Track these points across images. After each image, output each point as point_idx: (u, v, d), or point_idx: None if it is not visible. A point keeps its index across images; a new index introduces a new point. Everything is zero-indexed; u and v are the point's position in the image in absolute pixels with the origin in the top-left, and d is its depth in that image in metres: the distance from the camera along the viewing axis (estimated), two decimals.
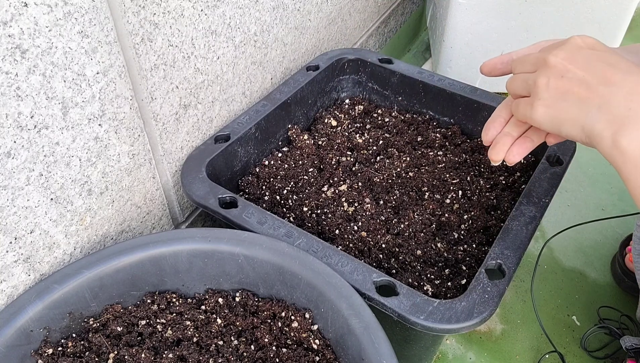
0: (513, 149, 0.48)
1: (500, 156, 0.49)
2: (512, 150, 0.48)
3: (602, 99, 0.39)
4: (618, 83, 0.39)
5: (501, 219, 0.63)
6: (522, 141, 0.48)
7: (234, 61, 0.66)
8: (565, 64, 0.41)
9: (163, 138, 0.59)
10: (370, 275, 0.49)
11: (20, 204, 0.45)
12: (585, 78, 0.40)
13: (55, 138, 0.46)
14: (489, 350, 0.74)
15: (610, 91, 0.39)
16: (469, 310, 0.46)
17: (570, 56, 0.42)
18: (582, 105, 0.40)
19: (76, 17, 0.44)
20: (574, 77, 0.40)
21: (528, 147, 0.48)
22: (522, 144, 0.48)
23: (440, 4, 1.08)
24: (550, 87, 0.41)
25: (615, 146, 0.37)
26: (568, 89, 0.40)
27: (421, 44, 1.36)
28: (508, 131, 0.49)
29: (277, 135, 0.73)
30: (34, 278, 0.49)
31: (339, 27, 0.92)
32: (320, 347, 0.49)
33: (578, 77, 0.40)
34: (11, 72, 0.40)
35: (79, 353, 0.49)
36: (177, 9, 0.54)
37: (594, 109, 0.39)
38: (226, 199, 0.57)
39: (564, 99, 0.41)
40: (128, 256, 0.51)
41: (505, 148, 0.48)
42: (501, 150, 0.49)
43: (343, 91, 0.83)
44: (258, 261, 0.51)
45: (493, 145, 0.49)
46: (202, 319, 0.52)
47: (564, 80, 0.41)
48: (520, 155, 0.48)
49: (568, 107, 0.40)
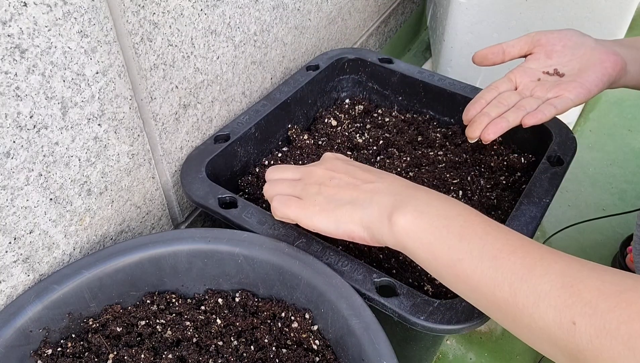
0: (489, 128, 0.52)
1: (477, 133, 0.53)
2: (487, 128, 0.52)
3: (369, 194, 0.44)
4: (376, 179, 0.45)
5: (502, 220, 0.63)
6: (497, 120, 0.52)
7: (234, 61, 0.66)
8: (330, 173, 0.47)
9: (163, 138, 0.59)
10: (370, 275, 0.49)
11: (20, 204, 0.45)
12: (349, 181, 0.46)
13: (55, 138, 0.46)
14: (489, 350, 0.74)
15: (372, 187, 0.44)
16: (469, 310, 0.46)
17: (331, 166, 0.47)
18: (354, 203, 0.44)
19: (75, 16, 0.43)
20: (340, 181, 0.46)
21: (503, 127, 0.52)
22: (497, 123, 0.52)
23: (441, 4, 1.08)
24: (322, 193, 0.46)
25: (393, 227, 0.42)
26: (337, 192, 0.45)
27: (421, 44, 1.36)
28: (487, 111, 0.54)
29: (277, 135, 0.73)
30: (33, 278, 0.49)
31: (339, 27, 0.92)
32: (320, 348, 0.49)
33: (343, 181, 0.46)
34: (10, 72, 0.40)
35: (79, 353, 0.49)
36: (176, 8, 0.54)
37: (365, 204, 0.44)
38: (226, 200, 0.57)
39: (337, 202, 0.45)
40: (127, 256, 0.50)
41: (482, 126, 0.53)
42: (477, 128, 0.53)
43: (343, 90, 0.83)
44: (258, 261, 0.51)
45: (470, 123, 0.54)
46: (202, 319, 0.51)
47: (331, 185, 0.46)
48: (495, 133, 0.52)
49: (342, 208, 0.44)
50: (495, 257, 0.38)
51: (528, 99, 0.55)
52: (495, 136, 0.52)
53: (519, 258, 0.38)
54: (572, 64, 0.56)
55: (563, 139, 0.65)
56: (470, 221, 0.41)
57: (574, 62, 0.56)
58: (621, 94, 1.21)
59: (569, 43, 0.57)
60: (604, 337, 0.32)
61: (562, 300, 0.34)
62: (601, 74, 0.54)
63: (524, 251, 0.38)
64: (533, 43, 0.58)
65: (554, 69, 0.56)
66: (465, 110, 0.56)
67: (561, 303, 0.34)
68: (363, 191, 0.44)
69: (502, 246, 0.39)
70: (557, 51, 0.57)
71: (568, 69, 0.56)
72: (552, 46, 0.57)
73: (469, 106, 0.56)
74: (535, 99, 0.55)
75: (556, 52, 0.57)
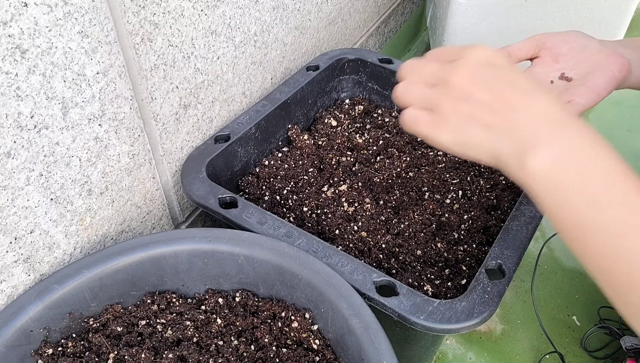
0: None
1: None
2: None
3: (507, 124, 0.39)
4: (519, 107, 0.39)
5: (501, 220, 0.63)
6: None
7: (234, 61, 0.66)
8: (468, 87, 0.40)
9: (163, 138, 0.59)
10: (370, 275, 0.49)
11: (20, 204, 0.45)
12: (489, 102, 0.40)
13: (55, 138, 0.46)
14: (489, 350, 0.74)
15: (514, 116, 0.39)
16: (469, 310, 0.46)
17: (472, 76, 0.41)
18: (488, 130, 0.40)
19: (76, 17, 0.44)
20: (477, 101, 0.40)
21: None
22: None
23: (441, 4, 1.08)
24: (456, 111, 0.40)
25: (523, 170, 0.38)
26: (473, 113, 0.40)
27: (421, 44, 1.36)
28: None
29: (277, 135, 0.73)
30: (33, 278, 0.49)
31: (339, 27, 0.92)
32: (320, 347, 0.49)
33: (482, 101, 0.40)
34: (11, 72, 0.40)
35: (79, 353, 0.49)
36: (177, 9, 0.54)
37: (500, 134, 0.39)
38: (226, 199, 0.57)
39: (470, 124, 0.40)
40: (128, 256, 0.51)
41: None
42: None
43: (343, 91, 0.83)
44: (258, 261, 0.51)
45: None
46: (202, 319, 0.51)
47: (468, 104, 0.40)
48: None
49: (474, 133, 0.40)
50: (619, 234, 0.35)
51: None
52: None
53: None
54: (579, 68, 0.56)
55: None
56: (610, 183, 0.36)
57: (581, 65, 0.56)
58: (621, 95, 1.21)
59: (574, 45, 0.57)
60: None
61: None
62: (609, 77, 0.53)
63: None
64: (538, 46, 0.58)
65: (561, 74, 0.56)
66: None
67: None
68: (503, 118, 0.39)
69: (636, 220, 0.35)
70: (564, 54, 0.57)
71: (575, 73, 0.56)
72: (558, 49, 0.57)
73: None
74: None
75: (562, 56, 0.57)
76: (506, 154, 0.39)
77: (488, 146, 0.40)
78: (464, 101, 0.40)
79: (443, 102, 0.41)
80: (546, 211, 0.39)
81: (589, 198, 0.36)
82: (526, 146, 0.38)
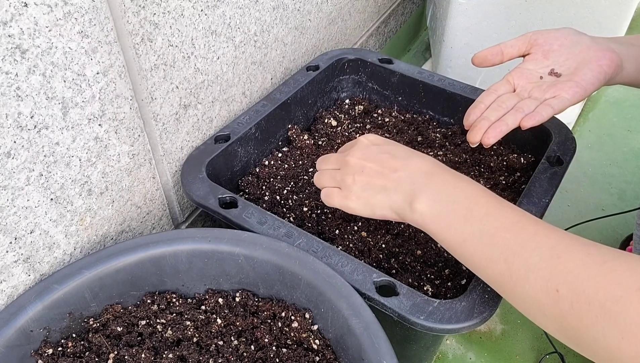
0: (489, 132, 0.54)
1: (477, 138, 0.55)
2: (487, 133, 0.54)
3: (395, 182, 0.49)
4: (401, 168, 0.49)
5: None
6: (497, 124, 0.54)
7: (234, 61, 0.66)
8: (362, 162, 0.51)
9: (163, 138, 0.59)
10: (370, 275, 0.49)
11: (20, 204, 0.45)
12: (379, 170, 0.50)
13: (55, 138, 0.46)
14: (489, 350, 0.74)
15: (398, 175, 0.49)
16: (469, 310, 0.46)
17: (363, 155, 0.52)
18: (383, 191, 0.49)
19: (76, 17, 0.44)
20: (371, 171, 0.50)
21: (502, 130, 0.54)
22: (496, 127, 0.54)
23: (441, 4, 1.08)
24: (356, 182, 0.51)
25: (413, 212, 0.47)
26: (369, 181, 0.50)
27: (421, 44, 1.36)
28: (486, 115, 0.56)
29: (277, 135, 0.73)
30: (33, 278, 0.49)
31: (339, 27, 0.92)
32: (320, 347, 0.49)
33: (374, 170, 0.50)
34: (11, 72, 0.40)
35: (79, 353, 0.49)
36: (177, 9, 0.54)
37: (392, 191, 0.49)
38: (226, 199, 0.57)
39: (370, 189, 0.50)
40: (128, 256, 0.51)
41: (482, 130, 0.55)
42: (478, 133, 0.55)
43: (343, 91, 0.83)
44: (258, 261, 0.51)
45: (471, 128, 0.56)
46: (202, 319, 0.51)
47: (364, 175, 0.51)
48: (495, 137, 0.54)
49: (374, 195, 0.50)
50: (492, 236, 0.43)
51: (526, 101, 0.56)
52: (495, 140, 0.54)
53: (514, 234, 0.42)
54: (568, 63, 0.57)
55: (562, 139, 0.65)
56: (476, 202, 0.45)
57: (571, 60, 0.57)
58: (620, 94, 1.21)
59: (565, 42, 0.57)
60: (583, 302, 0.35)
61: (548, 270, 0.38)
62: (597, 72, 0.54)
63: (520, 228, 0.42)
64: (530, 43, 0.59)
65: (550, 70, 0.57)
66: (465, 115, 0.58)
67: (548, 274, 0.38)
68: (390, 179, 0.49)
69: (500, 224, 0.43)
70: (554, 50, 0.58)
71: (565, 69, 0.57)
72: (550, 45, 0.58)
73: (469, 111, 0.58)
74: (533, 101, 0.55)
75: (553, 52, 0.58)
76: (400, 205, 0.49)
77: (386, 203, 0.49)
78: (360, 173, 0.51)
79: (346, 178, 0.52)
80: (436, 238, 0.47)
81: (462, 217, 0.45)
82: (411, 195, 0.48)
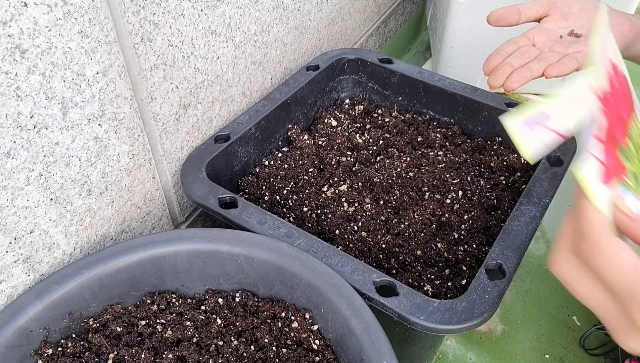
0: (512, 76, 0.51)
1: (500, 81, 0.51)
2: (511, 77, 0.51)
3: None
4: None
5: (501, 220, 0.63)
6: (521, 70, 0.51)
7: (234, 61, 0.66)
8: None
9: (163, 138, 0.59)
10: (371, 275, 0.49)
11: (20, 204, 0.45)
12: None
13: (55, 138, 0.46)
14: (489, 351, 0.74)
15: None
16: (469, 310, 0.46)
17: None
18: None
19: (76, 17, 0.44)
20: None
21: (527, 76, 0.51)
22: (521, 72, 0.51)
23: (441, 4, 1.08)
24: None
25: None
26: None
27: (421, 44, 1.36)
28: (509, 61, 0.52)
29: (277, 135, 0.73)
30: (33, 278, 0.49)
31: (339, 27, 0.92)
32: (320, 347, 0.49)
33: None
34: (11, 72, 0.40)
35: (79, 353, 0.49)
36: (177, 8, 0.54)
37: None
38: (226, 200, 0.57)
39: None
40: (128, 256, 0.50)
41: (505, 74, 0.51)
42: (501, 76, 0.51)
43: (343, 91, 0.83)
44: (258, 261, 0.51)
45: (494, 72, 0.52)
46: (202, 319, 0.51)
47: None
48: (519, 83, 0.51)
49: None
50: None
51: (549, 53, 0.54)
52: (518, 85, 0.51)
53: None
54: (588, 26, 0.56)
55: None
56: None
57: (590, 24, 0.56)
58: None
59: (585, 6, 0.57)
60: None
61: None
62: (619, 35, 0.53)
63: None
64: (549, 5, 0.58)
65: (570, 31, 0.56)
66: (486, 61, 0.55)
67: None
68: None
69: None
70: (573, 13, 0.57)
71: (585, 31, 0.56)
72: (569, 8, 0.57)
73: (490, 57, 0.54)
74: (556, 53, 0.54)
75: (572, 15, 0.57)
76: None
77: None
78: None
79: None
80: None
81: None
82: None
